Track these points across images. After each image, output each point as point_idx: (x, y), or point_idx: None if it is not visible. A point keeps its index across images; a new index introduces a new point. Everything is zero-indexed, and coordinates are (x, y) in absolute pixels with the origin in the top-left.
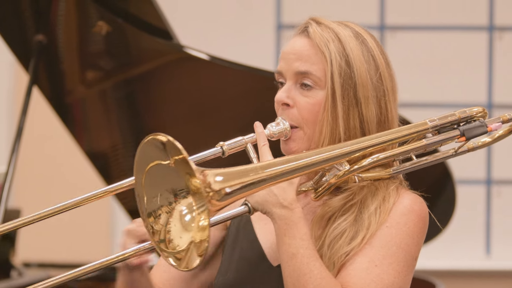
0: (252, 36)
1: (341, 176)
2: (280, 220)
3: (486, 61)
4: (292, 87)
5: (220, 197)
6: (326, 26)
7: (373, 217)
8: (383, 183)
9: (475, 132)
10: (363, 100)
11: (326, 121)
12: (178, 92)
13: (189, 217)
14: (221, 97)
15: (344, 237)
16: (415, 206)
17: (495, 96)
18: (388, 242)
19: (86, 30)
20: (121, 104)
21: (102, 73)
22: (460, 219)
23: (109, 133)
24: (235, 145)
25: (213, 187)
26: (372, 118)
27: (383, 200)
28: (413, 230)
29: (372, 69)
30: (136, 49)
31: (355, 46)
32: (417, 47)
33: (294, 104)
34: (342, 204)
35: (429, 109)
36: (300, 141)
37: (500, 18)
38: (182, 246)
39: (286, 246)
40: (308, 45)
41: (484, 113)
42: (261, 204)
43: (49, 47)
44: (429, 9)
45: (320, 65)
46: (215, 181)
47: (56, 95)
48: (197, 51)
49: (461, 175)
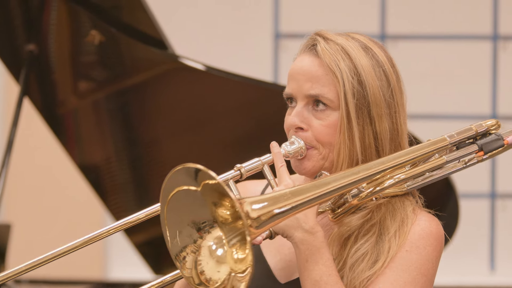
0: (249, 45)
1: (363, 198)
2: (302, 245)
3: (490, 71)
4: (304, 109)
5: (258, 224)
6: (334, 42)
7: (393, 240)
8: (400, 202)
9: (492, 145)
10: (377, 118)
11: (343, 143)
12: (173, 103)
13: (221, 251)
14: (217, 108)
15: (366, 260)
16: (433, 228)
17: (499, 107)
18: (409, 267)
19: (79, 40)
20: (114, 115)
21: (95, 84)
22: (464, 234)
23: (102, 145)
24: (251, 167)
25: (252, 215)
26: (385, 135)
27: (402, 223)
28: (432, 254)
29: (385, 85)
30: (130, 59)
31: (366, 62)
32: (419, 57)
33: (309, 128)
34: (361, 223)
35: (432, 121)
36: (315, 160)
37: (505, 27)
38: (223, 277)
39: (308, 272)
40: (317, 65)
41: (498, 125)
42: (282, 228)
43: (40, 57)
44: (432, 18)
45: (332, 87)
46: (253, 209)
47: (48, 106)
48: (193, 61)
49: (465, 188)
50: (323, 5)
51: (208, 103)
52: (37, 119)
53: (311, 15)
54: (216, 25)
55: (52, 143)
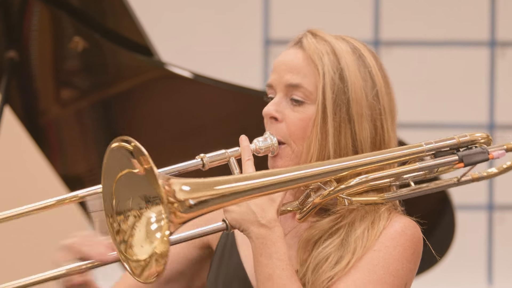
0: (238, 52)
1: (326, 196)
2: (257, 239)
3: (487, 79)
4: (282, 100)
5: (183, 208)
6: (322, 39)
7: (360, 240)
8: (373, 207)
9: (475, 158)
10: (356, 117)
11: (315, 137)
12: (159, 112)
13: (155, 226)
14: (205, 117)
15: (329, 262)
16: (407, 230)
17: (497, 116)
18: (375, 266)
19: (61, 46)
20: (98, 125)
21: (78, 92)
22: (460, 247)
23: (85, 155)
24: (216, 158)
25: (178, 197)
26: (365, 138)
27: (372, 224)
28: (403, 254)
29: (369, 86)
30: (115, 66)
31: (352, 61)
32: (414, 64)
33: (283, 119)
34: (329, 227)
35: (427, 130)
36: (288, 158)
37: (503, 32)
38: (140, 257)
39: (262, 267)
40: (301, 57)
41: (488, 139)
42: (238, 221)
43: (21, 64)
44: (427, 24)
45: (312, 78)
46: (181, 190)
47: (29, 115)
48: (180, 68)
49: (461, 200)
50: (314, 10)
51: (195, 112)
52: (19, 128)
53: (302, 21)
54: (204, 31)
55: (34, 154)
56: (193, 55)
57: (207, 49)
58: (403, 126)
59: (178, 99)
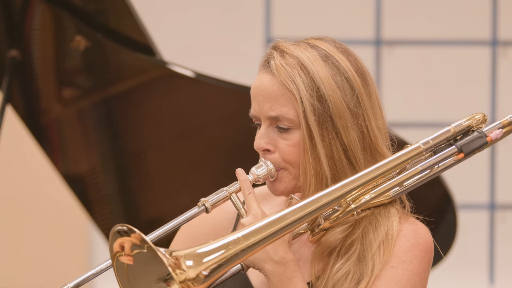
0: (240, 51)
1: (335, 220)
2: (273, 277)
3: (489, 78)
4: (269, 130)
5: (200, 283)
6: (290, 55)
7: (377, 256)
8: (384, 211)
9: (473, 145)
10: (342, 130)
11: (308, 163)
12: (161, 112)
13: None
14: (207, 116)
15: (349, 280)
16: (420, 239)
17: (498, 115)
18: (394, 285)
19: (63, 46)
20: (100, 124)
21: (80, 91)
22: (462, 246)
23: (87, 155)
24: (218, 199)
25: (190, 276)
26: (355, 146)
27: (386, 235)
28: (419, 267)
29: (348, 94)
30: (116, 66)
31: (325, 73)
32: (416, 63)
33: (275, 149)
34: (342, 238)
35: (429, 129)
36: (287, 181)
37: (504, 32)
38: None
39: None
40: (275, 84)
41: (484, 119)
42: (252, 261)
43: (23, 63)
44: (429, 23)
45: (291, 106)
46: (188, 266)
47: (31, 114)
48: (181, 68)
49: (463, 199)
50: (316, 9)
51: (197, 111)
52: (21, 127)
53: (303, 20)
54: (206, 30)
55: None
56: (195, 55)
57: (209, 48)
58: (404, 125)
59: (179, 99)
